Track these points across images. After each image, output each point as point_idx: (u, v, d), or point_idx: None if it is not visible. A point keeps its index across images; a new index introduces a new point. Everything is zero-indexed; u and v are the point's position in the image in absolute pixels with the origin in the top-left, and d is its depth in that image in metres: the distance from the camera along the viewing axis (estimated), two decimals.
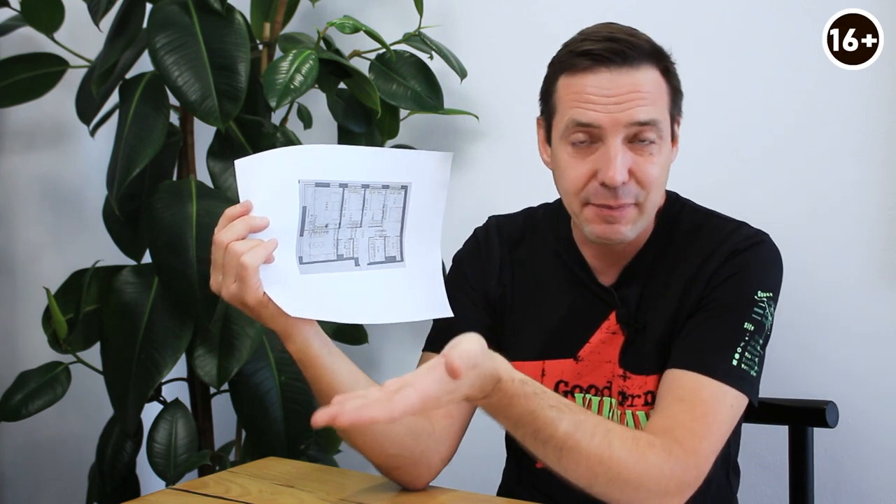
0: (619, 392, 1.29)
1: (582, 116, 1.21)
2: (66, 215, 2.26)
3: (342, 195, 1.16)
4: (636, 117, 1.19)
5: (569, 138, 1.23)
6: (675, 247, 1.31)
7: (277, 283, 1.10)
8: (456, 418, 1.32)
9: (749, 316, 1.22)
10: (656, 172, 1.22)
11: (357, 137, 1.93)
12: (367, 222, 1.21)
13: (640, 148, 1.21)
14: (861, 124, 1.64)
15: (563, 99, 1.24)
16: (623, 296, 1.31)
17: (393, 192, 1.22)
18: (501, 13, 1.97)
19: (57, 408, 1.87)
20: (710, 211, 1.35)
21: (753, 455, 1.67)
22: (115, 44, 1.80)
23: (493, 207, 1.51)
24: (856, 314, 1.66)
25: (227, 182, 1.79)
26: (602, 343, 1.31)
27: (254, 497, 1.21)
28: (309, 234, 1.15)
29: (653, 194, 1.24)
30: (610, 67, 1.20)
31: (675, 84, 1.27)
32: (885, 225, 1.63)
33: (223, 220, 1.10)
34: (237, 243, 1.07)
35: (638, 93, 1.20)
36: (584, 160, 1.22)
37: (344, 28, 1.69)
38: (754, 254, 1.26)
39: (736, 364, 1.19)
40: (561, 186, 1.28)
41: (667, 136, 1.25)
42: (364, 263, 1.22)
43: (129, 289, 1.80)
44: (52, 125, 2.23)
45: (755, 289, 1.24)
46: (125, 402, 1.78)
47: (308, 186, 1.12)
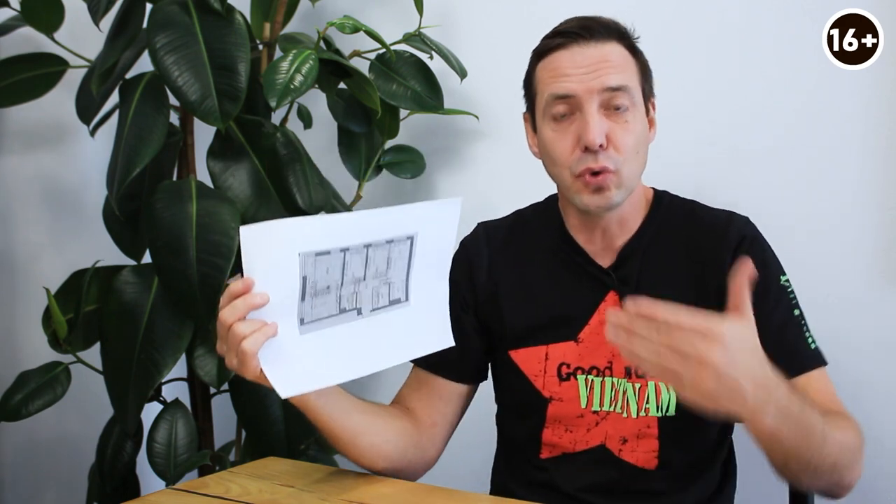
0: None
1: (558, 89, 1.30)
2: (66, 215, 2.26)
3: (343, 258, 1.15)
4: (607, 83, 1.28)
5: (550, 114, 1.31)
6: (669, 227, 1.37)
7: (275, 359, 1.13)
8: (440, 427, 1.41)
9: (790, 302, 1.32)
10: (632, 141, 1.30)
11: (357, 137, 1.93)
12: (371, 275, 1.20)
13: (616, 115, 1.29)
14: (861, 124, 1.64)
15: (541, 80, 1.34)
16: (621, 276, 1.35)
17: (398, 244, 1.21)
18: (501, 13, 1.97)
19: (57, 408, 1.87)
20: (693, 202, 1.41)
21: (753, 455, 1.66)
22: (115, 44, 1.80)
23: (493, 207, 1.51)
24: (856, 314, 1.66)
25: (228, 182, 1.79)
26: (601, 324, 1.33)
27: (254, 497, 1.21)
28: (310, 297, 1.14)
29: (630, 163, 1.30)
30: (579, 42, 1.30)
31: (643, 61, 1.36)
32: (885, 225, 1.64)
33: (227, 296, 1.13)
34: (239, 325, 1.11)
35: (607, 62, 1.29)
36: (566, 133, 1.30)
37: (344, 28, 1.69)
38: (760, 243, 1.34)
39: (812, 347, 1.32)
40: (550, 165, 1.34)
41: (640, 106, 1.32)
42: (367, 311, 1.21)
43: (129, 289, 1.80)
44: (52, 125, 2.23)
45: (778, 275, 1.33)
46: (125, 402, 1.78)
47: (308, 257, 1.11)
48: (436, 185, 2.07)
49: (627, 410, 1.32)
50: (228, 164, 1.80)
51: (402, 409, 1.41)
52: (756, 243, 1.33)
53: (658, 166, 1.44)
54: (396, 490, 1.25)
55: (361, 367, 1.22)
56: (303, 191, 1.73)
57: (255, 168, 1.79)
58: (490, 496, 1.37)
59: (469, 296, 1.41)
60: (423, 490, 1.26)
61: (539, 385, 1.35)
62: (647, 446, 1.32)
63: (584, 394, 1.33)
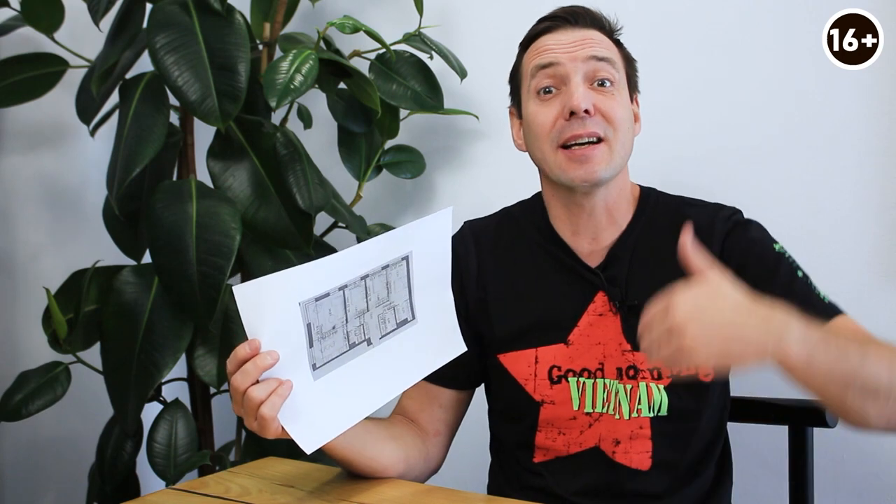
0: (630, 366, 1.31)
1: (542, 59, 1.31)
2: (66, 215, 2.26)
3: (343, 296, 1.14)
4: (592, 53, 1.29)
5: (535, 88, 1.31)
6: (658, 225, 1.35)
7: (294, 415, 1.11)
8: (443, 435, 1.42)
9: (790, 266, 1.30)
10: (621, 112, 1.29)
11: (357, 137, 1.93)
12: (374, 304, 1.18)
13: (602, 90, 1.29)
14: (861, 124, 1.64)
15: (526, 64, 1.35)
16: (610, 276, 1.33)
17: (394, 267, 1.20)
18: (501, 13, 1.97)
19: (57, 408, 1.87)
20: (680, 197, 1.41)
21: (753, 455, 1.67)
22: (115, 44, 1.80)
23: (493, 207, 1.51)
24: (856, 314, 1.66)
25: (227, 182, 1.79)
26: (590, 326, 1.32)
27: (254, 497, 1.21)
28: (318, 341, 1.13)
29: (620, 133, 1.29)
30: (565, 26, 1.32)
31: (627, 54, 1.37)
32: (885, 225, 1.64)
33: (234, 361, 1.11)
34: (254, 390, 1.09)
35: (591, 40, 1.31)
36: (551, 105, 1.30)
37: (344, 28, 1.69)
38: (745, 225, 1.34)
39: (826, 301, 1.29)
40: (533, 139, 1.33)
41: (624, 89, 1.33)
42: (376, 339, 1.20)
43: (129, 289, 1.80)
44: (52, 125, 2.23)
45: (771, 244, 1.32)
46: (125, 402, 1.78)
47: (308, 304, 1.10)
48: (436, 185, 2.07)
49: (619, 412, 1.31)
50: (228, 164, 1.80)
51: (407, 421, 1.40)
52: (739, 228, 1.32)
53: (658, 165, 1.45)
54: (397, 490, 1.25)
55: (380, 396, 1.21)
56: (303, 191, 1.73)
57: (255, 168, 1.79)
58: (488, 496, 1.37)
59: (460, 304, 1.38)
60: (424, 490, 1.26)
61: (530, 389, 1.34)
62: (641, 447, 1.31)
63: (577, 396, 1.32)
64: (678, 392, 1.30)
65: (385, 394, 1.22)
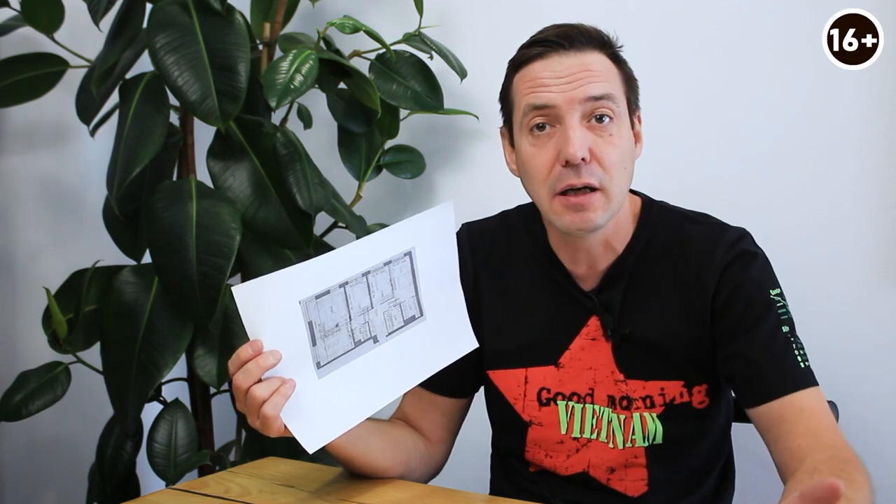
0: (623, 397, 1.28)
1: (537, 100, 1.23)
2: (66, 215, 2.26)
3: (344, 293, 1.14)
4: (590, 92, 1.21)
5: (528, 125, 1.24)
6: (656, 251, 1.30)
7: (297, 413, 1.12)
8: (446, 441, 1.42)
9: (779, 318, 1.23)
10: (617, 155, 1.22)
11: (357, 137, 1.93)
12: (378, 301, 1.18)
13: (599, 128, 1.22)
14: (861, 124, 1.64)
15: (518, 91, 1.27)
16: (604, 301, 1.30)
17: (397, 263, 1.19)
18: (501, 13, 1.97)
19: (57, 408, 1.87)
20: (684, 212, 1.34)
21: (753, 455, 1.66)
22: (115, 44, 1.80)
23: (493, 207, 1.51)
24: (856, 314, 1.66)
25: (227, 182, 1.79)
26: (582, 350, 1.30)
27: (254, 497, 1.21)
28: (321, 339, 1.13)
29: (616, 179, 1.22)
30: (559, 51, 1.23)
31: (628, 72, 1.29)
32: (885, 225, 1.64)
33: (236, 362, 1.11)
34: (256, 389, 1.10)
35: (589, 71, 1.22)
36: (545, 147, 1.23)
37: (344, 28, 1.69)
38: (747, 259, 1.26)
39: (803, 365, 1.21)
40: (528, 181, 1.27)
41: (625, 119, 1.25)
42: (383, 337, 1.19)
43: (129, 289, 1.80)
44: (52, 125, 2.23)
45: (767, 290, 1.25)
46: (125, 402, 1.78)
47: (309, 302, 1.10)
48: (436, 185, 2.07)
49: (614, 441, 1.28)
50: (228, 164, 1.79)
51: (409, 427, 1.40)
52: (740, 261, 1.25)
53: (657, 166, 1.45)
54: (398, 491, 1.25)
55: (386, 394, 1.21)
56: (303, 191, 1.73)
57: (255, 168, 1.79)
58: (489, 496, 1.37)
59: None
60: (425, 491, 1.26)
61: (519, 408, 1.33)
62: (636, 475, 1.29)
63: (565, 420, 1.30)
64: (673, 420, 1.28)
65: (391, 392, 1.22)
